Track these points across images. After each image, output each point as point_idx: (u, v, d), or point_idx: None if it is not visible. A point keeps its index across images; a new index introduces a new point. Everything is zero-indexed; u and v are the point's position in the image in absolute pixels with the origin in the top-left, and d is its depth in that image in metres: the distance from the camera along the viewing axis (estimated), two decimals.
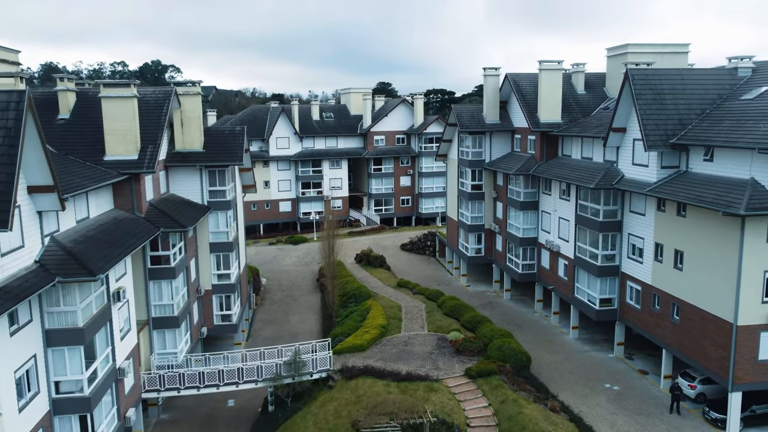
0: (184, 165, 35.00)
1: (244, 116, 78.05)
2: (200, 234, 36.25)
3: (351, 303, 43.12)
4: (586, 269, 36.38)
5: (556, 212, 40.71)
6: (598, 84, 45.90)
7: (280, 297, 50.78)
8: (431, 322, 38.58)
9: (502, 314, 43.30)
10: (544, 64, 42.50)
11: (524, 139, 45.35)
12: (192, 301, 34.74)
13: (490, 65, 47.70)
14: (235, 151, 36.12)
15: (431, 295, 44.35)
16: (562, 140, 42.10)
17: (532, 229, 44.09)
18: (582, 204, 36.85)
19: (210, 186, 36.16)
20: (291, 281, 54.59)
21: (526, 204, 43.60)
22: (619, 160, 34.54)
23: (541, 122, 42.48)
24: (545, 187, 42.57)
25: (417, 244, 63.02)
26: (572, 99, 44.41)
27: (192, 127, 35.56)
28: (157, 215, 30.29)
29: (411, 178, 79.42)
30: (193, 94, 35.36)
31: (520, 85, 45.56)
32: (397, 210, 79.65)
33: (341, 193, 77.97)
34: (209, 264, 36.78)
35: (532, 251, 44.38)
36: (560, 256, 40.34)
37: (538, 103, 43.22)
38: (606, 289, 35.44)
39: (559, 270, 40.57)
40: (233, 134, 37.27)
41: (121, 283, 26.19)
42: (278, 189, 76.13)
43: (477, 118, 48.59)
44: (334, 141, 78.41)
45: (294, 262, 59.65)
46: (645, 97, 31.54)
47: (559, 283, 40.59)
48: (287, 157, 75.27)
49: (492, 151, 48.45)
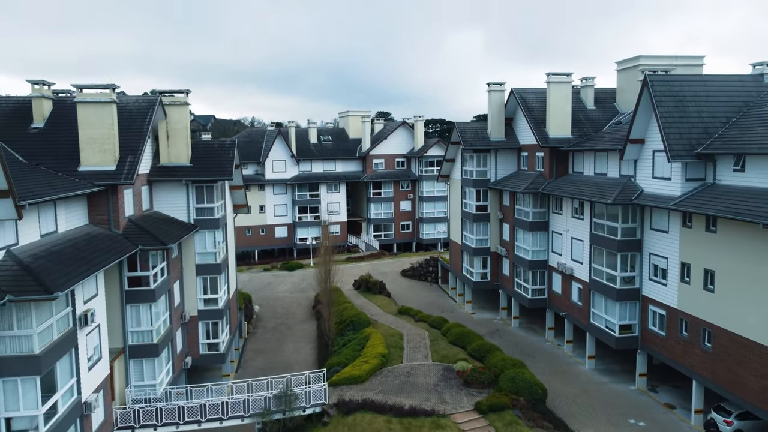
0: (169, 180, 32.48)
1: (240, 139, 75.75)
2: (185, 255, 33.52)
3: (349, 331, 40.14)
4: (604, 293, 33.59)
5: (569, 232, 38.08)
6: (608, 99, 43.83)
7: (273, 325, 47.75)
8: (436, 351, 35.58)
9: (510, 343, 40.29)
10: (552, 77, 40.42)
11: (532, 156, 43.00)
12: (175, 327, 31.82)
13: (494, 80, 45.70)
14: (225, 165, 33.65)
15: (435, 322, 41.41)
16: (572, 156, 39.74)
17: (542, 252, 41.39)
18: (597, 222, 34.27)
19: (197, 203, 33.58)
20: (285, 309, 51.60)
21: (535, 224, 40.99)
22: (638, 174, 32.08)
23: (550, 137, 40.18)
24: (555, 206, 40.03)
25: (418, 270, 60.20)
26: (582, 114, 42.25)
27: (178, 139, 33.17)
28: (137, 232, 27.63)
29: (411, 202, 76.97)
30: (179, 104, 33.05)
31: (527, 99, 43.44)
32: (397, 236, 76.98)
33: (339, 218, 75.37)
34: (195, 287, 33.95)
35: (542, 275, 41.59)
36: (574, 280, 37.56)
37: (546, 118, 41.02)
38: (626, 315, 32.58)
39: (573, 295, 37.74)
40: (223, 147, 34.87)
41: (91, 305, 23.36)
42: (274, 214, 73.58)
43: (481, 135, 46.35)
44: (332, 164, 76.19)
45: (289, 289, 56.71)
46: (666, 105, 29.25)
47: (573, 309, 37.72)
48: (283, 180, 72.91)
49: (497, 170, 46.08)
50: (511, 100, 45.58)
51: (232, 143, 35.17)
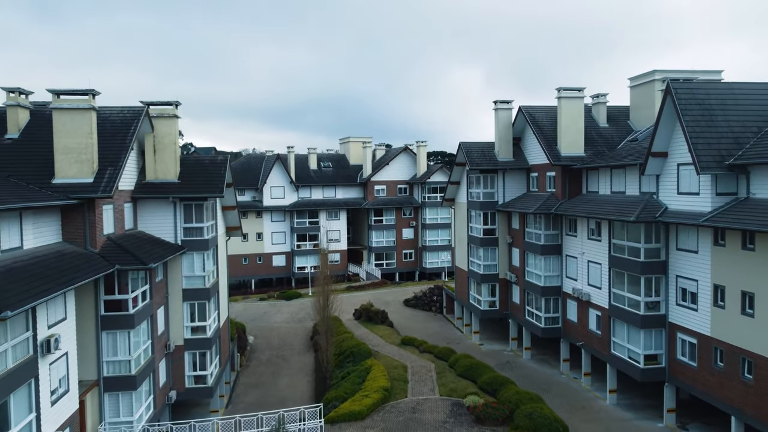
0: (155, 197, 30.13)
1: (237, 165, 73.99)
2: (171, 278, 30.95)
3: (348, 363, 37.23)
4: (626, 320, 30.85)
5: (584, 255, 35.51)
6: (621, 117, 41.77)
7: (268, 357, 44.77)
8: (443, 384, 32.65)
9: (523, 376, 37.30)
10: (563, 92, 38.45)
11: (542, 176, 40.71)
12: (158, 358, 29.04)
13: (501, 98, 43.75)
14: (215, 182, 31.34)
15: (441, 353, 38.50)
16: (586, 175, 37.44)
17: (555, 277, 38.72)
18: (617, 243, 31.75)
19: (185, 222, 31.17)
20: (281, 339, 48.65)
21: (548, 248, 38.44)
22: (660, 190, 29.70)
23: (562, 155, 37.97)
24: (569, 228, 37.55)
25: (422, 300, 57.35)
26: (594, 132, 40.12)
27: (166, 154, 30.95)
28: (115, 251, 25.13)
29: (414, 230, 74.50)
30: (168, 117, 30.93)
31: (536, 117, 41.38)
32: (399, 264, 74.27)
33: (339, 246, 72.79)
34: (181, 314, 31.28)
35: (555, 302, 38.85)
36: (591, 307, 34.82)
37: (557, 135, 38.88)
38: (651, 344, 29.78)
39: (591, 323, 34.95)
40: (214, 163, 32.63)
41: (58, 330, 20.73)
42: (272, 241, 71.06)
43: (488, 155, 44.18)
44: (332, 191, 74.01)
45: (286, 319, 53.80)
46: (691, 113, 27.05)
47: (591, 339, 34.88)
48: (282, 207, 70.62)
49: (506, 191, 43.75)
50: (519, 118, 43.56)
51: (225, 159, 32.94)
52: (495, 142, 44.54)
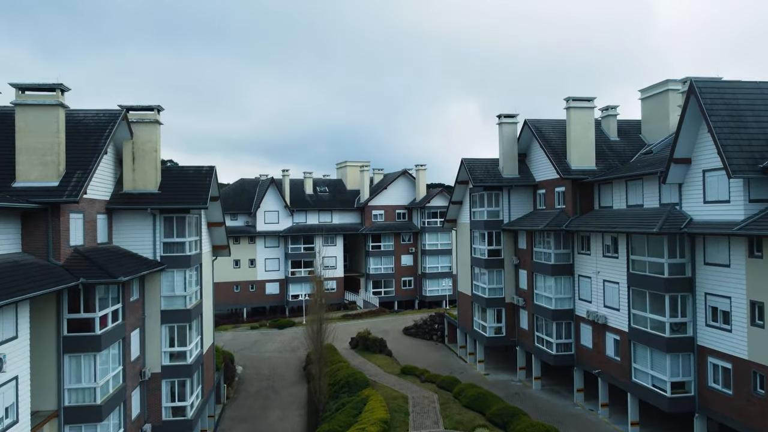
0: (132, 208, 27.56)
1: (231, 189, 71.64)
2: (149, 298, 28.15)
3: (344, 393, 34.15)
4: (649, 344, 28.02)
5: (599, 275, 32.84)
6: (632, 131, 39.63)
7: (257, 389, 41.55)
8: (448, 416, 29.59)
9: (533, 408, 34.19)
10: (572, 102, 36.36)
11: (550, 193, 38.32)
12: (130, 386, 26.05)
13: (505, 112, 41.65)
14: (199, 193, 28.83)
15: (444, 383, 35.46)
16: (598, 190, 35.04)
17: (567, 300, 35.95)
18: (636, 260, 29.15)
19: (165, 237, 28.54)
20: (272, 370, 45.45)
21: (559, 268, 35.78)
22: (684, 200, 27.25)
23: (572, 169, 35.64)
24: (582, 246, 34.96)
25: (422, 328, 54.29)
26: (605, 146, 37.90)
27: (146, 162, 28.51)
28: (82, 264, 22.43)
29: (413, 256, 71.74)
30: (148, 122, 28.59)
31: (543, 130, 39.22)
32: (398, 293, 71.27)
33: (336, 273, 69.88)
34: (159, 338, 28.37)
35: (567, 327, 35.99)
36: (608, 330, 31.99)
37: (567, 148, 36.64)
38: (678, 370, 26.90)
39: (608, 348, 32.07)
40: (199, 174, 30.17)
41: (5, 350, 17.89)
42: (265, 268, 68.18)
43: (492, 172, 41.87)
44: (328, 216, 71.48)
45: (277, 348, 50.60)
46: (719, 114, 24.78)
47: (609, 366, 31.94)
48: (276, 232, 67.97)
49: (511, 210, 41.30)
50: (524, 132, 41.40)
51: (210, 169, 30.50)
52: (499, 158, 42.29)
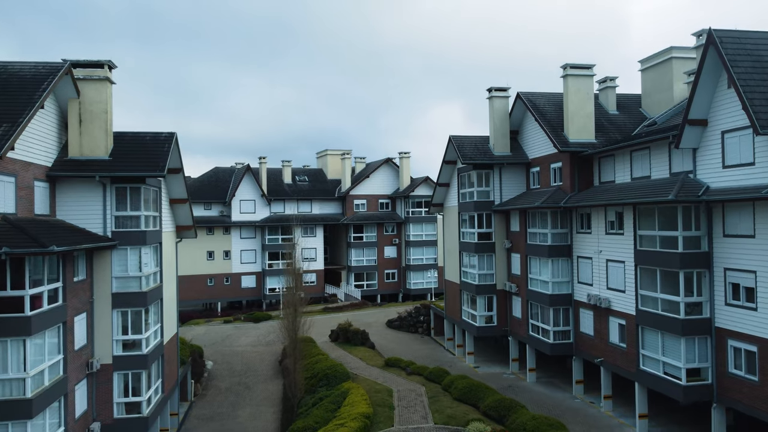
0: (77, 175, 24.11)
1: (204, 178, 67.97)
2: (98, 278, 24.72)
3: (322, 387, 30.98)
4: (661, 327, 25.21)
5: (602, 254, 30.04)
6: (631, 105, 36.99)
7: (228, 385, 38.15)
8: (438, 410, 26.54)
9: (530, 401, 31.27)
10: (570, 70, 33.60)
11: (545, 170, 35.51)
12: (74, 378, 22.61)
13: (497, 85, 38.78)
14: (156, 159, 25.47)
15: (432, 374, 32.45)
16: (599, 164, 32.27)
17: (565, 284, 33.12)
18: (645, 235, 26.37)
19: (117, 210, 25.13)
20: (246, 365, 42.06)
21: (556, 249, 32.94)
22: (698, 167, 24.50)
23: (570, 142, 32.85)
24: (581, 225, 32.16)
25: (407, 320, 51.21)
26: (604, 119, 35.21)
27: (95, 125, 25.09)
28: (9, 233, 19.00)
29: (397, 248, 68.68)
30: (97, 80, 25.17)
31: (538, 104, 36.40)
32: (381, 286, 68.14)
33: (316, 266, 66.59)
34: (110, 325, 24.94)
35: (566, 313, 33.15)
36: (612, 315, 29.18)
37: (564, 121, 33.86)
38: (694, 355, 24.12)
39: (612, 335, 29.26)
40: (156, 140, 26.76)
41: None
42: (241, 260, 64.64)
43: (482, 149, 38.97)
44: (308, 205, 68.16)
45: (252, 342, 47.16)
46: (742, 65, 22.05)
47: (613, 354, 29.13)
48: (252, 222, 64.46)
49: (503, 190, 38.41)
50: (517, 107, 38.57)
51: (170, 135, 27.11)
52: (490, 135, 39.41)
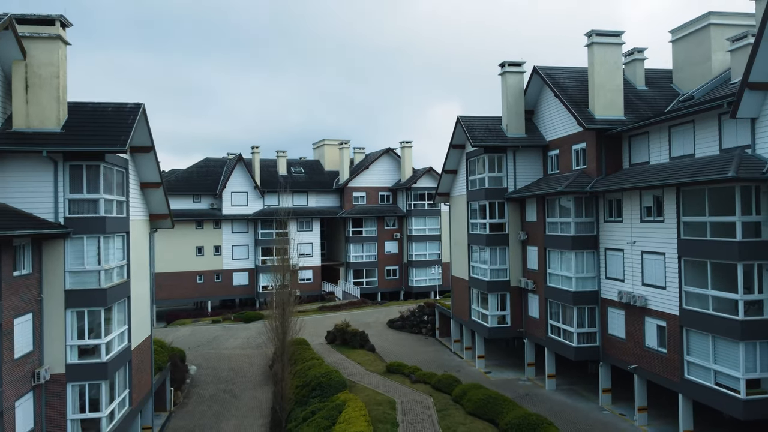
0: (21, 150, 20.26)
1: (194, 169, 64.05)
2: (48, 273, 20.88)
3: (315, 397, 27.19)
4: (712, 330, 21.40)
5: (636, 245, 26.20)
6: (660, 80, 33.16)
7: (212, 392, 34.33)
8: (449, 427, 22.74)
9: (549, 412, 27.52)
10: (596, 37, 29.73)
11: (566, 152, 31.69)
12: (14, 391, 18.78)
13: (510, 59, 34.94)
14: (117, 132, 21.60)
15: (441, 383, 28.67)
16: (629, 144, 28.43)
17: (590, 279, 29.31)
18: (692, 222, 22.55)
19: (71, 192, 21.29)
20: (233, 370, 38.24)
21: (581, 241, 29.11)
22: (759, 140, 20.67)
23: (596, 119, 29.03)
24: (610, 213, 28.33)
25: (410, 320, 47.43)
26: (632, 95, 31.37)
27: (44, 92, 21.24)
28: None
29: (398, 243, 64.85)
30: (47, 38, 21.30)
31: (557, 78, 32.57)
32: (381, 283, 64.33)
33: (312, 262, 62.79)
34: (63, 327, 21.11)
35: (591, 313, 29.34)
36: (649, 315, 25.34)
37: (590, 95, 30.05)
38: (755, 364, 20.33)
39: (648, 338, 25.42)
40: (120, 111, 22.88)
41: None
42: (232, 256, 60.79)
43: (494, 131, 35.15)
44: (303, 198, 64.32)
45: (241, 344, 43.32)
46: None
47: (650, 360, 25.30)
48: (244, 216, 60.60)
49: (517, 176, 34.60)
50: (533, 84, 34.75)
51: (137, 106, 23.23)
52: (503, 115, 35.58)
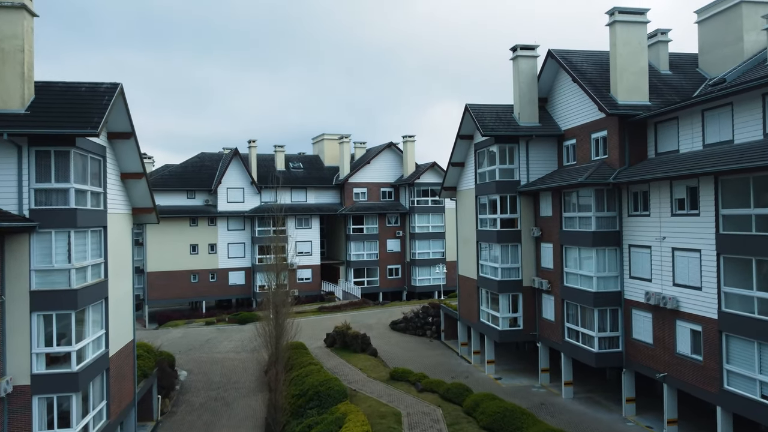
0: None
1: (188, 164, 61.68)
2: (11, 272, 18.55)
3: (312, 408, 24.86)
4: (758, 336, 19.03)
5: (665, 242, 23.82)
6: (685, 64, 30.80)
7: (203, 400, 32.01)
8: None
9: (571, 425, 25.22)
10: (618, 15, 27.35)
11: (584, 141, 29.32)
12: None
13: (523, 42, 32.56)
14: (89, 115, 19.25)
15: (451, 392, 26.31)
16: (654, 131, 26.03)
17: (613, 279, 26.91)
18: (732, 215, 20.19)
19: (38, 181, 18.98)
20: (226, 375, 35.91)
21: (602, 237, 26.72)
22: None
23: (619, 104, 26.65)
24: (635, 206, 25.93)
25: (414, 322, 45.06)
26: (656, 79, 28.99)
27: (7, 69, 18.91)
28: None
29: (401, 241, 62.47)
30: (9, 7, 18.93)
31: (574, 62, 30.20)
32: (383, 283, 61.95)
33: (311, 261, 60.44)
34: (27, 333, 18.77)
35: (613, 316, 26.95)
36: (681, 318, 22.96)
37: (612, 79, 27.71)
38: None
39: (680, 343, 23.04)
40: (94, 91, 20.51)
41: None
42: (228, 255, 58.41)
43: (506, 119, 32.77)
44: (302, 194, 61.97)
45: (234, 348, 40.95)
46: None
47: (682, 368, 22.92)
48: (240, 213, 58.21)
49: (530, 168, 32.24)
50: (547, 69, 32.40)
51: (114, 85, 20.86)
52: (514, 103, 33.20)
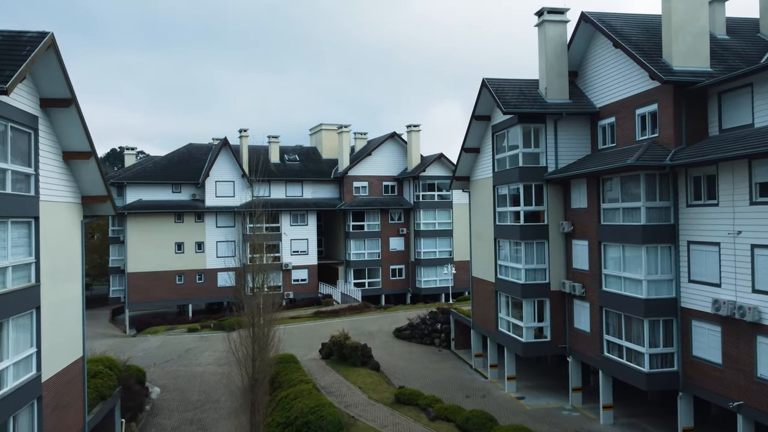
0: None
1: (174, 155, 57.00)
2: None
3: None
4: None
5: (741, 237, 19.10)
6: (743, 29, 26.22)
7: (176, 423, 27.34)
8: None
9: None
10: None
11: (626, 119, 24.62)
12: None
13: (551, 5, 27.90)
14: (1, 67, 14.57)
15: (469, 423, 21.56)
16: (718, 102, 21.31)
17: (667, 283, 22.17)
18: None
19: None
20: (205, 392, 31.19)
21: (653, 232, 22.00)
22: None
23: (675, 70, 21.97)
24: (698, 194, 21.20)
25: (420, 329, 40.33)
26: (713, 44, 24.29)
27: None
28: None
29: (404, 239, 57.74)
30: None
31: (614, 25, 25.52)
32: (385, 285, 57.24)
33: (307, 260, 55.75)
34: None
35: (667, 328, 22.22)
36: (763, 334, 18.24)
37: (664, 41, 23.03)
38: None
39: (762, 365, 18.33)
40: (15, 41, 15.80)
41: None
42: (217, 254, 53.71)
43: (530, 95, 28.10)
44: (298, 188, 57.27)
45: (217, 359, 36.13)
46: None
47: (763, 395, 18.22)
48: (230, 208, 53.54)
49: (558, 152, 27.56)
50: (579, 36, 27.71)
51: (41, 34, 16.17)
52: (540, 77, 28.54)
